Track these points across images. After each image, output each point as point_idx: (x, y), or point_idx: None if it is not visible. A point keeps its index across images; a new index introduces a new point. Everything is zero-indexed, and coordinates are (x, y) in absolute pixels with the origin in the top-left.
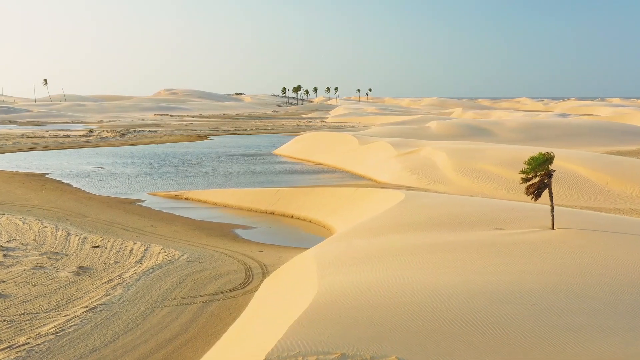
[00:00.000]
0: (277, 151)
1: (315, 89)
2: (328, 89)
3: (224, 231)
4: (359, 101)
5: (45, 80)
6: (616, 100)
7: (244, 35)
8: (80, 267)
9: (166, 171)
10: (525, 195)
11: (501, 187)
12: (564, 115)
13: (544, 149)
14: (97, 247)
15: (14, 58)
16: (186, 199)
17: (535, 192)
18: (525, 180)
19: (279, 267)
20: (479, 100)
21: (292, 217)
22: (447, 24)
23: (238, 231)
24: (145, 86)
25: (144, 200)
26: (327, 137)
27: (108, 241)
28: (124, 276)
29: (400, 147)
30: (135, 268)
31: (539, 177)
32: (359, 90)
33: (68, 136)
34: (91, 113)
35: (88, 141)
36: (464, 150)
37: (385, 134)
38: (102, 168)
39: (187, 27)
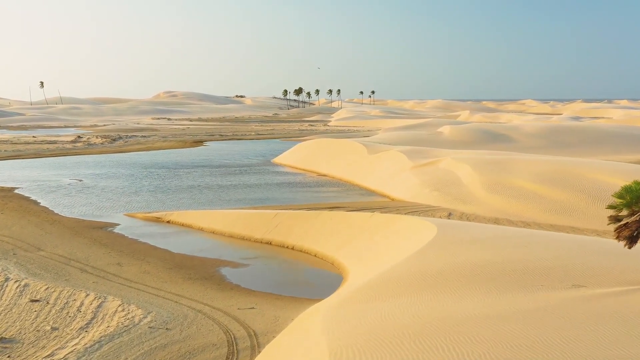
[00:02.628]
0: (276, 160)
1: (317, 91)
2: (330, 91)
3: (208, 271)
4: (362, 103)
5: (42, 82)
6: (624, 102)
7: (244, 37)
8: (0, 339)
9: (150, 185)
10: (573, 220)
11: (541, 208)
12: (576, 118)
13: (577, 159)
14: (36, 300)
15: (11, 60)
16: (168, 222)
17: (631, 236)
18: (616, 219)
19: (274, 335)
20: (483, 102)
21: (293, 248)
22: (449, 25)
23: (225, 271)
24: (145, 89)
25: (118, 224)
26: (332, 145)
27: (54, 291)
28: (56, 356)
29: (415, 157)
30: (77, 340)
31: (636, 216)
32: (361, 92)
33: (55, 142)
34: (86, 116)
35: (74, 148)
36: (492, 163)
37: (395, 140)
38: (81, 180)
39: (187, 29)
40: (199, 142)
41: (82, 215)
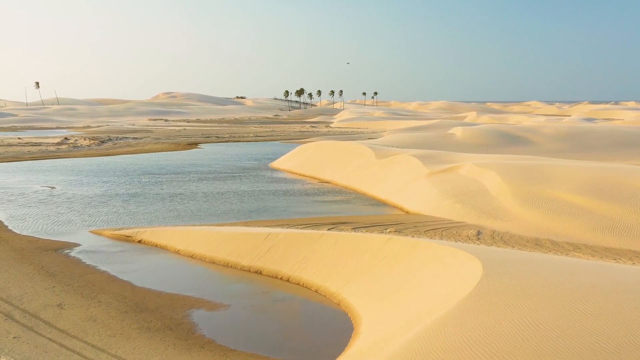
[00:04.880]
0: (275, 164)
1: (319, 92)
2: (332, 92)
3: (175, 316)
4: (364, 105)
5: (37, 83)
6: (631, 104)
7: (246, 39)
8: None
9: (126, 192)
10: (634, 241)
11: (590, 226)
12: (589, 119)
13: (625, 166)
14: None
15: (10, 60)
16: (139, 241)
17: None
18: None
19: None
20: (487, 103)
21: (288, 280)
22: (451, 26)
23: (198, 316)
24: (146, 91)
25: (78, 245)
26: (336, 148)
27: None
28: None
29: (430, 162)
30: None
31: None
32: (364, 94)
33: (39, 144)
34: (81, 117)
35: (58, 150)
36: (522, 169)
37: (403, 143)
38: (52, 188)
39: (190, 31)
40: (193, 145)
41: (38, 233)
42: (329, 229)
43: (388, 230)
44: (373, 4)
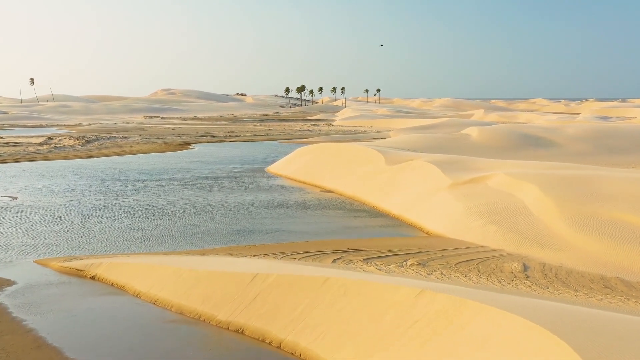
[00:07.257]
0: (271, 168)
1: (321, 89)
2: (334, 89)
3: None
4: (367, 102)
5: (32, 79)
6: (639, 102)
7: (247, 36)
8: None
9: (93, 205)
10: None
11: None
12: (603, 117)
13: None
14: None
15: (9, 57)
16: (92, 277)
17: None
18: None
19: None
20: (492, 101)
21: (279, 347)
22: (454, 23)
23: None
24: (146, 89)
25: (14, 283)
26: (340, 151)
27: None
28: None
29: (451, 169)
30: None
31: None
32: (366, 91)
33: (19, 145)
34: (75, 115)
35: (37, 152)
36: (567, 181)
37: (413, 144)
38: (15, 198)
39: (190, 29)
40: (186, 145)
41: None
42: (334, 260)
43: (410, 263)
44: (376, 1)
